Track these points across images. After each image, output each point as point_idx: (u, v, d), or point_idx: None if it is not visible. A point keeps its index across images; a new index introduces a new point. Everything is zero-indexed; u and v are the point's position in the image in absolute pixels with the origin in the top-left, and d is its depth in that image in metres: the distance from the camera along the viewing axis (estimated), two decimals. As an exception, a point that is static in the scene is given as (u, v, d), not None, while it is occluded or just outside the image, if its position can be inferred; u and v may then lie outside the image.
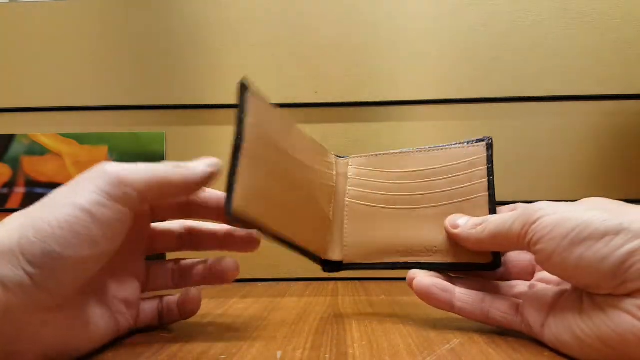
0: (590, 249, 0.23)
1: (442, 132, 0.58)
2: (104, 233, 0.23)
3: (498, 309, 0.30)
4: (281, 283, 0.55)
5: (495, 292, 0.32)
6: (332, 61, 0.60)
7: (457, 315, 0.31)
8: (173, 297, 0.33)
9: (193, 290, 0.32)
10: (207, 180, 0.28)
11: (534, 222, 0.25)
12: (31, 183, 0.60)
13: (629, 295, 0.22)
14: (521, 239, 0.26)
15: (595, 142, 0.58)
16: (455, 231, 0.31)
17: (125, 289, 0.30)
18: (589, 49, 0.58)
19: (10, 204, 0.60)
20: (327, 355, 0.25)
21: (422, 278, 0.31)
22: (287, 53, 0.60)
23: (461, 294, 0.30)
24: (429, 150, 0.36)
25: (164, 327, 0.33)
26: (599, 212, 0.23)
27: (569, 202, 0.26)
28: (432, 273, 0.32)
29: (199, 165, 0.28)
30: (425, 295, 0.31)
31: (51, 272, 0.21)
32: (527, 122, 0.58)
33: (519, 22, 0.58)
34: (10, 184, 0.61)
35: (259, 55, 0.60)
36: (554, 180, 0.58)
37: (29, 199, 0.60)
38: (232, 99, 0.29)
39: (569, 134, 0.58)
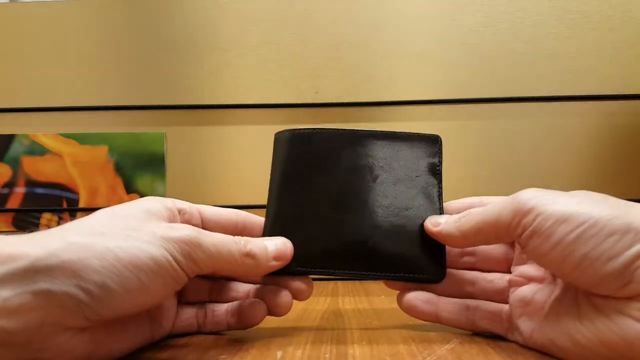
0: (596, 249, 0.22)
1: (442, 132, 0.57)
2: (160, 288, 0.23)
3: (483, 316, 0.29)
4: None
5: (473, 286, 0.30)
6: (332, 61, 0.60)
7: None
8: (219, 306, 0.31)
9: (256, 302, 0.30)
10: (271, 271, 0.28)
11: (528, 213, 0.24)
12: (31, 183, 0.60)
13: (632, 298, 0.21)
14: (511, 230, 0.25)
15: (595, 142, 0.58)
16: (437, 229, 0.29)
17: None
18: (589, 49, 0.58)
19: (10, 204, 0.60)
20: (327, 355, 0.25)
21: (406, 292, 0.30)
22: (287, 53, 0.60)
23: (445, 304, 0.29)
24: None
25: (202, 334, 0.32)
26: (602, 207, 0.22)
27: (557, 192, 0.25)
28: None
29: (269, 259, 0.28)
30: (409, 309, 0.30)
31: (100, 305, 0.21)
32: (527, 122, 0.58)
33: (519, 22, 0.58)
34: (11, 184, 0.61)
35: (259, 55, 0.60)
36: (553, 180, 0.58)
37: (29, 199, 0.60)
38: (232, 99, 0.29)
39: (569, 134, 0.58)
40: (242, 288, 0.32)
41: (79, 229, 0.23)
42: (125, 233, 0.23)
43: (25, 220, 0.60)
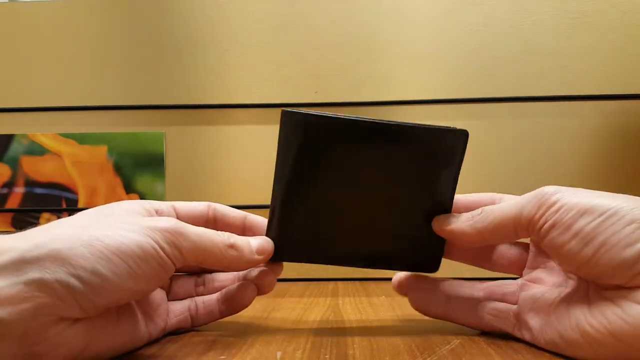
0: (614, 236, 0.22)
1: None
2: (148, 275, 0.24)
3: (491, 312, 0.30)
4: (281, 283, 0.55)
5: (484, 292, 0.31)
6: (332, 61, 0.59)
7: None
8: (209, 296, 0.32)
9: (245, 283, 0.31)
10: (254, 266, 0.30)
11: (552, 205, 0.24)
12: (31, 183, 0.60)
13: None
14: (533, 224, 0.25)
15: (595, 142, 0.58)
16: (449, 227, 0.29)
17: (150, 295, 0.29)
18: (589, 49, 0.58)
19: (9, 204, 0.60)
20: (327, 356, 0.25)
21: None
22: (287, 53, 0.60)
23: (454, 302, 0.30)
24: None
25: (196, 329, 0.32)
26: (622, 200, 0.23)
27: (578, 188, 0.25)
28: (419, 280, 0.32)
29: (253, 253, 0.29)
30: (415, 303, 0.31)
31: (92, 291, 0.21)
32: (527, 122, 0.58)
33: (519, 22, 0.58)
34: (10, 184, 0.60)
35: (259, 55, 0.60)
36: (554, 180, 0.57)
37: (29, 199, 0.60)
38: (232, 99, 0.29)
39: (569, 134, 0.58)
40: (227, 276, 0.33)
41: (65, 223, 0.24)
42: (109, 224, 0.24)
43: (25, 221, 0.60)
